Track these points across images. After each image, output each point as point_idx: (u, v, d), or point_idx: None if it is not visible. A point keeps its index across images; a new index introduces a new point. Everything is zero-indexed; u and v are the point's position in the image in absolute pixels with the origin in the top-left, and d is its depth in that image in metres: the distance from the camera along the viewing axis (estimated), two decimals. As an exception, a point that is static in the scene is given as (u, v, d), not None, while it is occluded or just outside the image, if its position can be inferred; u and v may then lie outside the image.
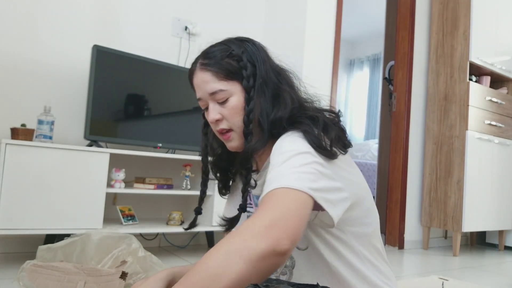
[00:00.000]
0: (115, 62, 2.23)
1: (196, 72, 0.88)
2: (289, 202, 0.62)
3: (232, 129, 0.86)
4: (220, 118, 0.85)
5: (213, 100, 0.86)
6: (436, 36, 3.42)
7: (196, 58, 0.90)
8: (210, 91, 0.85)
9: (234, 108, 0.84)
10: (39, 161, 1.85)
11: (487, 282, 2.28)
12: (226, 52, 0.87)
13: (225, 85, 0.84)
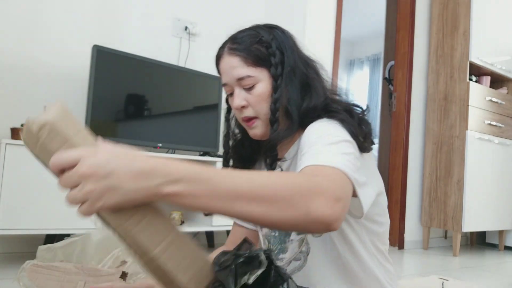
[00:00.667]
0: (115, 62, 2.23)
1: (224, 56, 0.86)
2: (348, 188, 0.61)
3: (256, 117, 0.84)
4: (245, 104, 0.83)
5: (239, 86, 0.84)
6: (436, 36, 3.42)
7: (223, 43, 0.88)
8: (237, 76, 0.83)
9: (260, 95, 0.82)
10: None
11: (487, 282, 2.28)
12: (256, 38, 0.84)
13: (253, 71, 0.82)
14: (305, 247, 0.83)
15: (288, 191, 0.53)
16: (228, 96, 0.89)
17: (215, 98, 2.60)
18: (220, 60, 0.87)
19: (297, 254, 0.84)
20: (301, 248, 0.83)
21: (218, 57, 0.88)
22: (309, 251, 0.83)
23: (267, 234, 0.91)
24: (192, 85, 2.52)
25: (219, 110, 2.60)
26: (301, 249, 0.83)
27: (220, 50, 0.87)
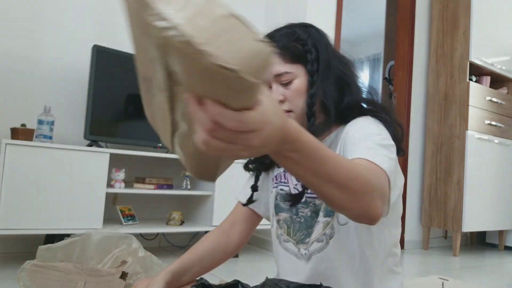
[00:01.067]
0: (115, 62, 2.23)
1: None
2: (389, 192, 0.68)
3: (292, 111, 0.86)
4: (282, 99, 0.86)
5: (276, 82, 0.87)
6: (436, 36, 3.42)
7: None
8: (275, 72, 0.86)
9: (297, 90, 0.86)
10: (39, 161, 1.85)
11: (487, 282, 2.28)
12: (292, 36, 0.88)
13: (290, 67, 0.86)
14: (329, 230, 0.87)
15: (365, 187, 0.59)
16: None
17: (215, 98, 2.60)
18: None
19: (320, 236, 0.87)
20: (325, 230, 0.87)
21: None
22: (333, 236, 0.86)
23: (286, 220, 0.92)
24: (192, 85, 2.51)
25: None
26: (324, 231, 0.86)
27: None
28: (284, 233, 0.93)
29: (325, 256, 0.86)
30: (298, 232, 0.90)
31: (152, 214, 2.53)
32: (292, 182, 0.94)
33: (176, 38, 0.34)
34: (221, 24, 0.35)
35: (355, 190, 0.58)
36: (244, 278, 1.91)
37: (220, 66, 0.34)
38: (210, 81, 0.36)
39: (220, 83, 0.36)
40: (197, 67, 0.35)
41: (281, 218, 0.94)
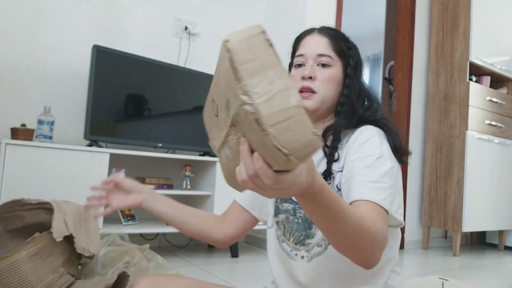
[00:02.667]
0: (115, 62, 2.23)
1: (314, 34, 0.94)
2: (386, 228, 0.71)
3: (315, 92, 0.89)
4: (312, 76, 0.89)
5: (315, 61, 0.90)
6: (436, 36, 3.42)
7: (313, 28, 0.96)
8: (320, 52, 0.90)
9: (331, 76, 0.89)
10: (39, 161, 1.85)
11: (487, 282, 2.28)
12: (343, 35, 0.96)
13: (334, 56, 0.91)
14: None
15: (370, 243, 0.64)
16: (294, 67, 0.94)
17: (215, 98, 2.60)
18: (306, 35, 0.95)
19: (320, 241, 0.87)
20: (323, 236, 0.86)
21: (304, 34, 0.96)
22: None
23: (283, 221, 0.93)
24: (192, 85, 2.52)
25: (219, 110, 2.60)
26: (323, 237, 0.86)
27: (310, 29, 0.96)
28: (282, 234, 0.93)
29: (324, 260, 0.86)
30: (296, 232, 0.90)
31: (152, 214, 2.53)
32: None
33: (251, 113, 0.42)
34: (290, 113, 0.42)
35: (360, 246, 0.64)
36: (244, 278, 1.91)
37: (276, 147, 0.42)
38: (264, 148, 0.44)
39: (271, 153, 0.43)
40: (258, 137, 0.43)
41: (279, 219, 0.94)
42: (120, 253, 1.35)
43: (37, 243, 1.16)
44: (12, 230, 1.40)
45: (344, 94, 0.90)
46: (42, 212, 1.36)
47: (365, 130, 0.86)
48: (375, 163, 0.79)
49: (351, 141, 0.86)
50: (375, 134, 0.84)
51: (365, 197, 0.73)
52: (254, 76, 0.43)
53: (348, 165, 0.82)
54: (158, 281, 0.85)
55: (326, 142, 0.89)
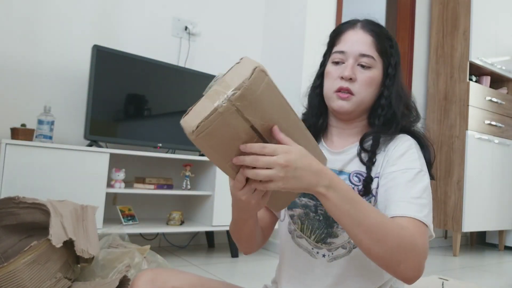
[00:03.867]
0: (115, 62, 2.23)
1: (358, 29, 0.89)
2: (427, 249, 0.72)
3: (353, 94, 0.86)
4: (353, 78, 0.85)
5: (356, 61, 0.86)
6: (436, 36, 3.42)
7: (355, 19, 0.92)
8: (363, 52, 0.86)
9: (371, 78, 0.86)
10: (39, 161, 1.85)
11: (487, 282, 2.28)
12: (388, 34, 0.90)
13: (376, 56, 0.87)
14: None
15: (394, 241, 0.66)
16: (332, 63, 0.90)
17: (215, 98, 2.60)
18: (350, 29, 0.89)
19: (345, 243, 0.86)
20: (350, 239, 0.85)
21: (346, 27, 0.90)
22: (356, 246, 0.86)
23: (301, 216, 0.91)
24: (192, 85, 2.52)
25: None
26: (349, 239, 0.86)
27: (352, 22, 0.91)
28: (298, 229, 0.91)
29: (346, 263, 0.86)
30: (318, 230, 0.89)
31: (152, 214, 2.53)
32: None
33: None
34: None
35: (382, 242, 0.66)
36: (244, 278, 1.92)
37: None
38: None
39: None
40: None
41: (295, 213, 0.92)
42: (120, 255, 1.35)
43: (35, 250, 1.15)
44: (6, 225, 1.40)
45: (385, 96, 0.88)
46: (37, 212, 1.36)
47: (403, 140, 0.86)
48: (416, 177, 0.79)
49: (389, 149, 0.85)
50: (413, 146, 0.85)
51: (408, 214, 0.74)
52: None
53: (389, 176, 0.81)
54: (159, 275, 0.84)
55: (364, 146, 0.87)
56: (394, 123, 0.88)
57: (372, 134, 0.87)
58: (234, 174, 0.66)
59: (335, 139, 0.93)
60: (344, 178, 0.87)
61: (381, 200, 0.81)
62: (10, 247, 1.40)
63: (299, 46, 2.71)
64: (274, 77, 2.55)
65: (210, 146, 0.62)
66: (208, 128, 0.59)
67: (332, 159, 0.90)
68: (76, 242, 1.22)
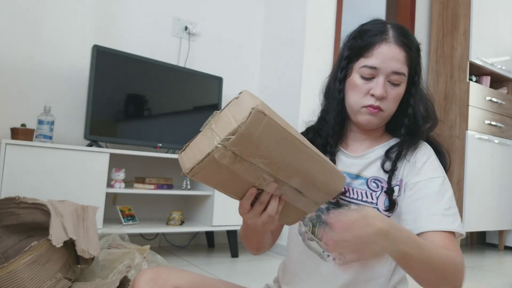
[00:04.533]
0: (115, 62, 2.23)
1: (391, 43, 0.83)
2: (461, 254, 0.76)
3: (383, 110, 0.86)
4: (385, 96, 0.84)
5: (387, 77, 0.84)
6: (436, 36, 3.42)
7: (385, 25, 0.86)
8: (396, 70, 0.83)
9: (400, 94, 0.86)
10: (39, 161, 1.85)
11: (487, 282, 2.28)
12: (418, 45, 0.88)
13: (406, 71, 0.85)
14: None
15: (446, 268, 0.70)
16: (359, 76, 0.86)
17: (215, 98, 2.60)
18: (383, 43, 0.84)
19: None
20: None
21: (379, 39, 0.84)
22: None
23: (312, 218, 0.91)
24: (192, 85, 2.52)
25: (219, 110, 2.59)
26: None
27: (385, 33, 0.85)
28: (309, 231, 0.91)
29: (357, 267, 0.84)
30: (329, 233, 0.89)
31: (152, 214, 2.53)
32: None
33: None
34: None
35: (440, 274, 0.70)
36: (244, 278, 1.92)
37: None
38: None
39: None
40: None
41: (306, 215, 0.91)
42: (120, 255, 1.35)
43: (35, 251, 1.15)
44: (7, 226, 1.40)
45: (411, 104, 0.87)
46: (38, 212, 1.36)
47: (422, 148, 0.88)
48: (442, 187, 0.83)
49: (409, 157, 0.87)
50: (432, 153, 0.88)
51: (443, 227, 0.77)
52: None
53: (414, 187, 0.83)
54: (161, 274, 0.83)
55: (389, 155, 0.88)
56: (418, 132, 0.88)
57: (398, 146, 0.88)
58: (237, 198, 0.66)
59: (351, 143, 0.94)
60: (362, 183, 0.88)
61: (407, 210, 0.82)
62: (10, 247, 1.40)
63: (299, 45, 2.71)
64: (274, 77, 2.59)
65: (207, 182, 0.61)
66: (203, 170, 0.57)
67: (349, 162, 0.90)
68: (77, 241, 1.22)
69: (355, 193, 0.88)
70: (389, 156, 0.87)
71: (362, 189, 0.88)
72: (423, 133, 0.89)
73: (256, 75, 3.05)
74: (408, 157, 0.87)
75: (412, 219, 0.79)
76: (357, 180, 0.88)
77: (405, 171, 0.86)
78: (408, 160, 0.87)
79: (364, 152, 0.90)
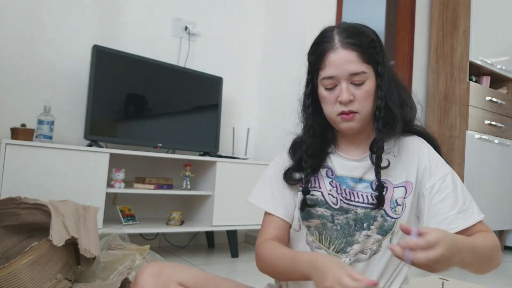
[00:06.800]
0: (115, 62, 2.23)
1: (338, 49, 0.83)
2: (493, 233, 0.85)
3: (358, 112, 0.84)
4: (352, 99, 0.83)
5: (348, 81, 0.83)
6: (436, 36, 3.42)
7: (330, 32, 0.86)
8: (352, 71, 0.82)
9: (368, 91, 0.84)
10: (39, 161, 1.85)
11: (487, 282, 2.28)
12: (367, 36, 0.85)
13: (366, 68, 0.83)
14: (376, 246, 0.87)
15: (493, 254, 0.80)
16: (325, 90, 0.87)
17: (215, 98, 2.60)
18: (330, 51, 0.84)
19: (366, 249, 0.87)
20: (372, 245, 0.87)
21: (326, 50, 0.85)
22: (378, 252, 0.87)
23: (318, 226, 0.90)
24: (192, 85, 2.52)
25: (219, 110, 2.60)
26: (371, 246, 0.86)
27: (331, 41, 0.85)
28: (316, 240, 0.90)
29: (366, 266, 0.87)
30: (337, 240, 0.88)
31: (152, 214, 2.53)
32: (326, 188, 0.91)
33: None
34: None
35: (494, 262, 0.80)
36: (244, 278, 1.91)
37: None
38: None
39: None
40: None
41: (312, 224, 0.90)
42: (121, 257, 1.35)
43: (36, 251, 1.15)
44: (7, 226, 1.40)
45: (379, 96, 0.85)
46: (39, 212, 1.36)
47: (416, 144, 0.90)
48: (453, 181, 0.87)
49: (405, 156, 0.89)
50: (431, 148, 0.91)
51: (475, 220, 0.83)
52: None
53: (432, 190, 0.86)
54: (165, 269, 0.83)
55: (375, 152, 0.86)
56: (395, 121, 0.86)
57: (378, 140, 0.86)
58: None
59: (347, 146, 0.93)
60: (366, 186, 0.88)
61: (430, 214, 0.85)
62: (11, 247, 1.40)
63: (299, 46, 2.71)
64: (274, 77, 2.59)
65: None
66: None
67: (351, 166, 0.90)
68: (79, 240, 1.22)
69: (360, 197, 0.88)
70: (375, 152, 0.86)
71: (367, 192, 0.87)
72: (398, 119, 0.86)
73: (256, 75, 3.05)
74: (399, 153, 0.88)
75: (438, 221, 0.83)
76: (360, 184, 0.88)
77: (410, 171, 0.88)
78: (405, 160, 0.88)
79: (364, 155, 0.90)
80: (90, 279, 1.28)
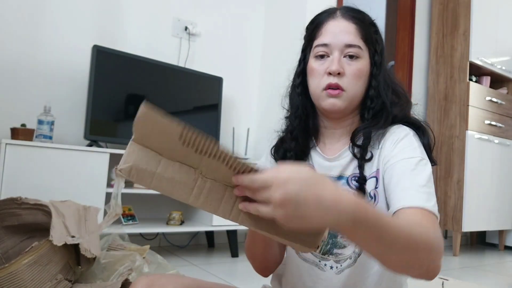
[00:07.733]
0: (115, 62, 2.23)
1: (338, 18, 0.82)
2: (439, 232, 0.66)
3: (344, 90, 0.80)
4: (341, 72, 0.79)
5: (342, 52, 0.80)
6: (436, 36, 3.42)
7: (334, 8, 0.86)
8: (348, 42, 0.80)
9: (360, 70, 0.81)
10: (39, 161, 1.85)
11: (487, 282, 2.28)
12: (371, 19, 0.84)
13: (362, 44, 0.81)
14: (358, 248, 0.83)
15: (421, 247, 0.59)
16: (315, 57, 0.84)
17: (215, 98, 2.60)
18: (330, 19, 0.83)
19: (351, 254, 0.84)
20: (355, 248, 0.84)
21: (325, 17, 0.84)
22: (361, 253, 0.83)
23: None
24: (192, 85, 2.52)
25: (219, 110, 2.60)
26: (354, 250, 0.83)
27: (332, 10, 0.84)
28: None
29: (353, 273, 0.84)
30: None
31: (152, 214, 2.53)
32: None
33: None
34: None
35: (418, 259, 0.59)
36: (244, 278, 1.91)
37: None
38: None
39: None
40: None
41: None
42: (121, 257, 1.35)
43: (36, 251, 1.15)
44: (8, 226, 1.40)
45: (373, 86, 0.82)
46: (39, 213, 1.36)
47: (397, 130, 0.81)
48: (418, 166, 0.74)
49: (385, 145, 0.80)
50: (409, 133, 0.80)
51: (418, 204, 0.68)
52: None
53: (389, 169, 0.76)
54: (156, 281, 0.83)
55: (356, 142, 0.82)
56: (385, 114, 0.82)
57: (363, 129, 0.82)
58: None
59: (328, 142, 0.88)
60: (343, 183, 0.84)
61: (383, 198, 0.78)
62: (11, 248, 1.40)
63: (299, 45, 2.70)
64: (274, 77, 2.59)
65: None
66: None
67: (329, 166, 0.86)
68: (80, 239, 1.22)
69: None
70: (356, 143, 0.82)
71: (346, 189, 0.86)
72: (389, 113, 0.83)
73: (256, 75, 3.05)
74: (381, 145, 0.80)
75: (388, 202, 0.75)
76: (339, 181, 0.85)
77: (380, 160, 0.80)
78: (382, 149, 0.80)
79: (341, 152, 0.85)
80: (91, 280, 1.28)
